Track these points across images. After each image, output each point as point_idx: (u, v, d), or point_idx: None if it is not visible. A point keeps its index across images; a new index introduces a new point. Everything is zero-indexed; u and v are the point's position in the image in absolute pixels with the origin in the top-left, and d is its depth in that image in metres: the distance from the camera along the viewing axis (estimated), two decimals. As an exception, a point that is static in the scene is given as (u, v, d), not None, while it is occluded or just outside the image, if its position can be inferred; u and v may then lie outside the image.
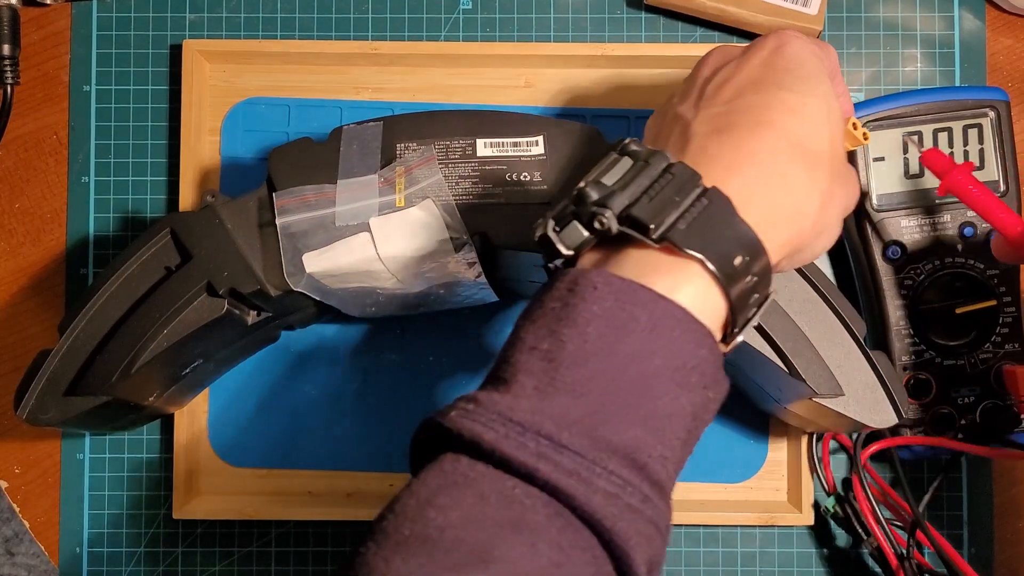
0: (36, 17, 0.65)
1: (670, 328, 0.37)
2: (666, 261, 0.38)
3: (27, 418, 0.53)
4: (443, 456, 0.36)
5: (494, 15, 0.64)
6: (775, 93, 0.42)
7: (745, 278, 0.38)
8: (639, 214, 0.38)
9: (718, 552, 0.62)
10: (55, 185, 0.64)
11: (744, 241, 0.38)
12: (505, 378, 0.37)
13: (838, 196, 0.42)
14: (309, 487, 0.62)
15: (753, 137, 0.40)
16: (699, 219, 0.38)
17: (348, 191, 0.53)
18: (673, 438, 0.37)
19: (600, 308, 0.37)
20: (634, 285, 0.37)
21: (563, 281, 0.38)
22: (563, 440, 0.35)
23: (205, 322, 0.53)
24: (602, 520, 0.34)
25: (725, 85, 0.43)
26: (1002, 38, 0.64)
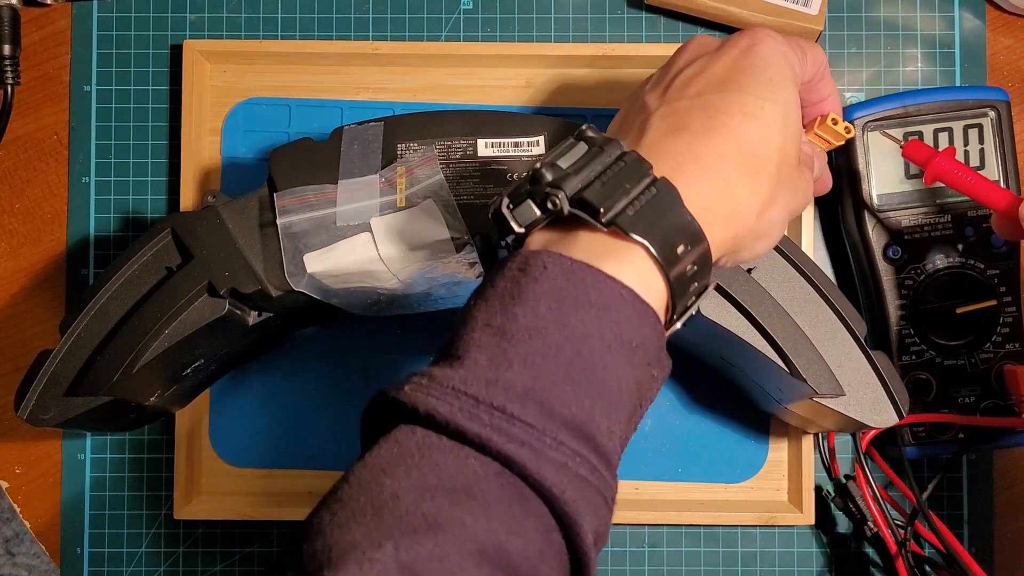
0: (36, 17, 0.65)
1: (617, 306, 0.38)
2: (613, 244, 0.39)
3: (28, 418, 0.53)
4: (397, 428, 0.37)
5: (495, 15, 0.64)
6: (735, 96, 0.43)
7: (686, 266, 0.40)
8: (590, 197, 0.39)
9: (719, 552, 0.62)
10: (56, 185, 0.64)
11: (687, 231, 0.40)
12: (458, 354, 0.38)
13: (781, 203, 0.43)
14: (310, 487, 0.62)
15: (704, 140, 0.42)
16: (646, 207, 0.39)
17: (349, 191, 0.53)
18: (620, 411, 0.38)
19: (550, 286, 0.38)
20: (583, 265, 0.38)
21: (514, 261, 0.39)
22: (515, 412, 0.36)
23: (206, 322, 0.53)
24: (551, 488, 0.36)
25: (693, 80, 0.44)
26: (1002, 38, 0.64)
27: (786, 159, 0.43)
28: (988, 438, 0.59)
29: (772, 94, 0.43)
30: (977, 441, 0.59)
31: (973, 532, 0.62)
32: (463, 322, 0.39)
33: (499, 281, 0.39)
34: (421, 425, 0.37)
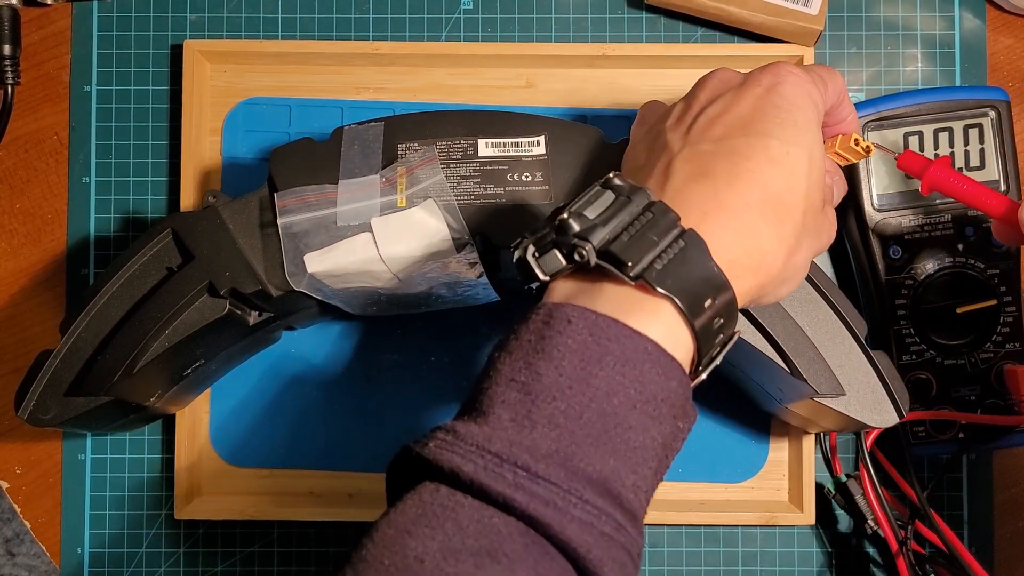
0: (37, 17, 0.65)
1: (641, 362, 0.38)
2: (639, 298, 0.39)
3: (28, 418, 0.53)
4: (421, 485, 0.38)
5: (495, 15, 0.64)
6: (760, 139, 0.43)
7: (713, 319, 0.40)
8: (618, 251, 0.39)
9: (719, 552, 0.62)
10: (56, 185, 0.64)
11: (714, 283, 0.40)
12: (483, 409, 0.38)
13: (805, 246, 0.43)
14: (311, 487, 0.62)
15: (730, 188, 0.42)
16: (674, 260, 0.39)
17: (349, 191, 0.53)
18: (645, 467, 0.38)
19: (575, 342, 0.38)
20: (607, 320, 0.38)
21: (539, 314, 0.39)
22: (539, 471, 0.36)
23: (206, 322, 0.53)
24: (577, 548, 0.36)
25: (716, 121, 0.44)
26: (1002, 38, 0.64)
27: (811, 204, 0.43)
28: (988, 438, 0.59)
29: (797, 137, 0.43)
30: (977, 441, 0.59)
31: (973, 532, 0.62)
32: (487, 374, 0.39)
33: (524, 334, 0.39)
34: (446, 483, 0.37)
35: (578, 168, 0.54)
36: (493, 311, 0.61)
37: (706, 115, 0.44)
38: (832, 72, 0.47)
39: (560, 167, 0.54)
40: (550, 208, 0.53)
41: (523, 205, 0.53)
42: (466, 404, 0.40)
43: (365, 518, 0.60)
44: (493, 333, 0.63)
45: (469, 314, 0.62)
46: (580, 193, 0.42)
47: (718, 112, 0.44)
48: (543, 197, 0.53)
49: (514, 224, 0.53)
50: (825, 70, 0.47)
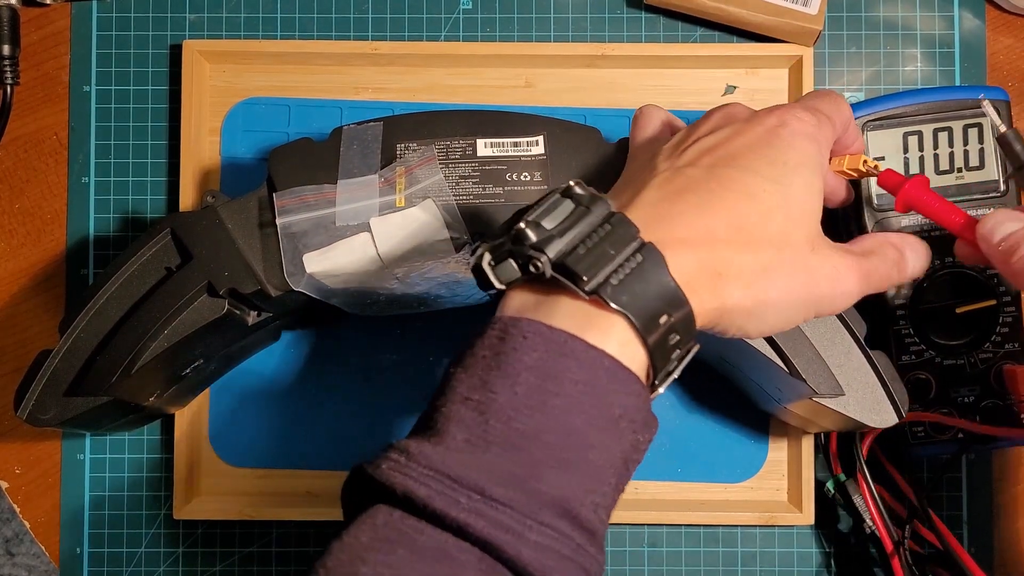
0: (36, 17, 0.65)
1: (599, 379, 0.37)
2: (594, 313, 0.38)
3: (27, 418, 0.53)
4: (375, 508, 0.37)
5: (494, 15, 0.64)
6: (743, 173, 0.42)
7: (668, 335, 0.39)
8: (573, 264, 0.38)
9: (718, 552, 0.62)
10: (55, 186, 0.64)
11: (671, 300, 0.39)
12: (437, 428, 0.37)
13: (779, 286, 0.42)
14: (310, 487, 0.62)
15: (699, 211, 0.41)
16: (631, 276, 0.38)
17: (348, 191, 0.53)
18: (604, 484, 0.38)
19: (531, 359, 0.37)
20: (564, 335, 0.37)
21: (494, 329, 0.39)
22: (495, 494, 0.35)
23: (205, 322, 0.53)
24: (534, 572, 0.35)
25: (709, 151, 0.43)
26: (1002, 37, 0.64)
27: (789, 242, 0.42)
28: (987, 438, 0.59)
29: (782, 177, 0.42)
30: (976, 441, 0.59)
31: (972, 532, 0.62)
32: (442, 391, 0.38)
33: (479, 349, 0.38)
34: (399, 506, 0.36)
35: (577, 168, 0.54)
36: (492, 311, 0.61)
37: (701, 144, 0.44)
38: (838, 103, 0.47)
39: (559, 167, 0.54)
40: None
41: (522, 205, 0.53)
42: (421, 420, 0.39)
43: (364, 518, 0.60)
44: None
45: (468, 314, 0.61)
46: (539, 200, 0.41)
47: (713, 144, 0.44)
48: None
49: (513, 224, 0.53)
50: (831, 104, 0.46)
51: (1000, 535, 0.62)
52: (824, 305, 0.43)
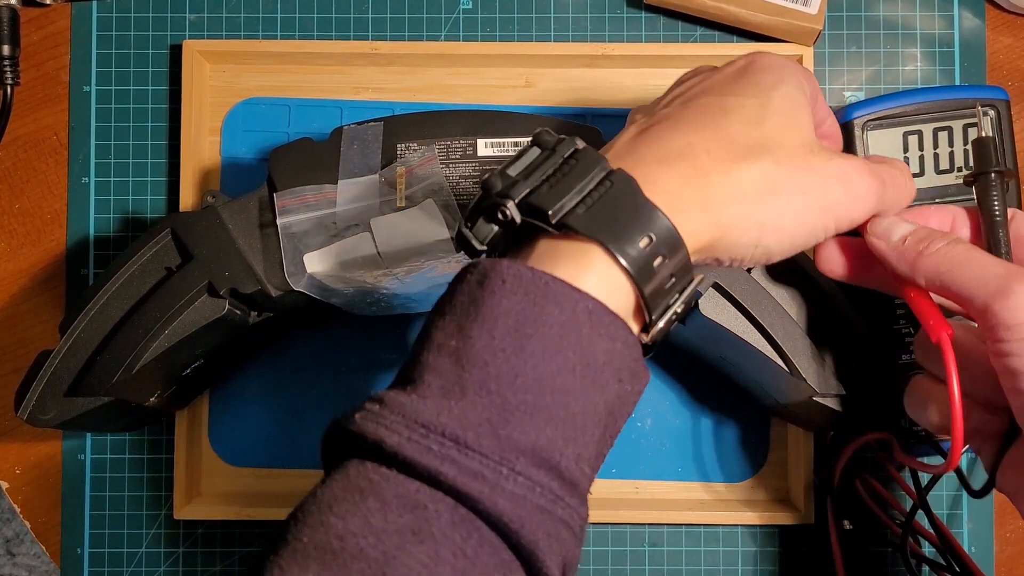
0: (36, 17, 0.65)
1: (581, 323, 0.36)
2: (568, 248, 0.37)
3: (28, 419, 0.53)
4: (348, 462, 0.36)
5: (494, 15, 0.64)
6: (718, 99, 0.41)
7: (652, 258, 0.37)
8: (538, 201, 0.37)
9: (719, 551, 0.62)
10: (55, 186, 0.64)
11: (650, 222, 0.37)
12: (412, 377, 0.36)
13: (785, 190, 0.39)
14: (310, 487, 0.62)
15: (674, 132, 0.40)
16: (600, 202, 0.37)
17: (349, 191, 0.53)
18: (586, 435, 0.36)
19: (509, 303, 0.36)
20: (545, 277, 0.36)
21: (473, 273, 0.37)
22: (468, 441, 0.34)
23: (206, 322, 0.53)
24: (508, 523, 0.34)
25: (682, 94, 0.43)
26: (1002, 37, 0.64)
27: (783, 146, 0.40)
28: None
29: (759, 93, 0.41)
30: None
31: (973, 532, 0.62)
32: (420, 341, 0.37)
33: (457, 295, 0.37)
34: (371, 457, 0.35)
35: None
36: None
37: (673, 93, 0.43)
38: (807, 72, 0.46)
39: (559, 167, 0.54)
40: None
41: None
42: (400, 371, 0.37)
43: (365, 518, 0.60)
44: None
45: (469, 314, 0.62)
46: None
47: (685, 89, 0.43)
48: (542, 197, 0.53)
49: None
50: (800, 68, 0.45)
51: (1000, 535, 0.62)
52: (841, 210, 0.41)
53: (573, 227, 0.37)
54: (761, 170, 0.39)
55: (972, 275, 0.41)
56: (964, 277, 0.41)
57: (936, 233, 0.43)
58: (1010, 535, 0.62)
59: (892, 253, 0.43)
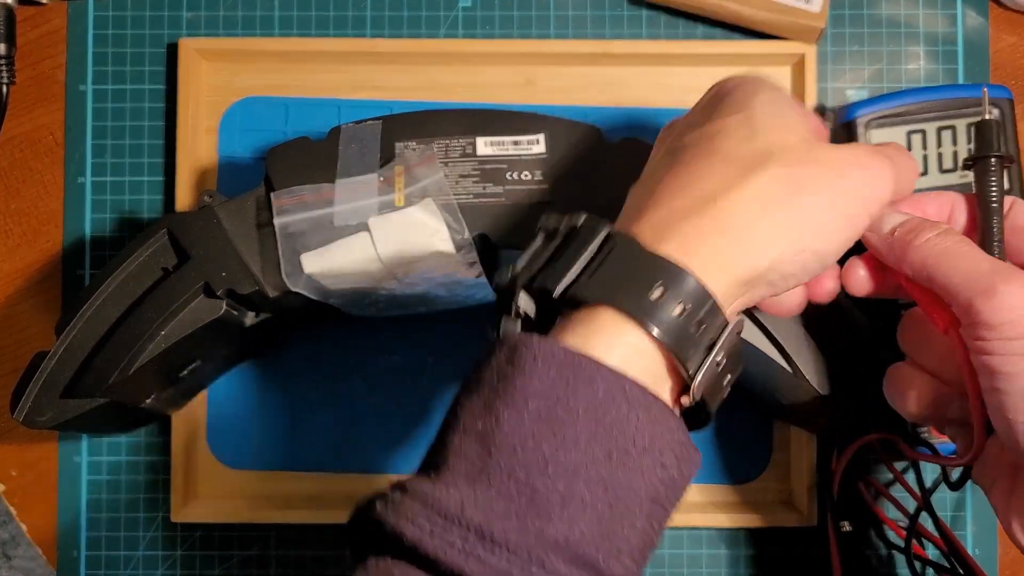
0: (32, 16, 0.65)
1: (616, 405, 0.34)
2: (588, 320, 0.35)
3: (23, 420, 0.52)
4: (369, 559, 0.33)
5: (494, 12, 0.64)
6: (699, 130, 0.40)
7: (671, 310, 0.35)
8: (542, 283, 0.36)
9: (721, 554, 0.62)
10: (51, 186, 0.64)
11: (658, 270, 0.35)
12: (437, 462, 0.34)
13: (805, 189, 0.37)
14: (309, 490, 0.62)
15: (672, 179, 0.38)
16: (604, 266, 0.36)
17: (347, 190, 0.52)
18: (626, 527, 0.34)
19: (540, 383, 0.34)
20: (577, 357, 0.34)
21: (503, 350, 0.35)
22: (495, 535, 0.32)
23: (203, 323, 0.53)
24: None
25: (668, 147, 0.41)
26: (1005, 35, 0.64)
27: (784, 146, 0.38)
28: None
29: (738, 109, 0.39)
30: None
31: (977, 533, 0.62)
32: (446, 422, 0.35)
33: (486, 372, 0.35)
34: (393, 551, 0.33)
35: (578, 167, 0.53)
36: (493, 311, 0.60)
37: (658, 153, 0.42)
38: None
39: (560, 166, 0.53)
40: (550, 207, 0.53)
41: (522, 204, 0.53)
42: (426, 456, 0.36)
43: (363, 520, 0.60)
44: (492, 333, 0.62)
45: (468, 314, 0.61)
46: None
47: (668, 143, 0.42)
48: (542, 196, 0.53)
49: (513, 223, 0.53)
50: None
51: (1005, 537, 0.62)
52: (867, 191, 0.39)
53: (583, 297, 0.35)
54: (771, 176, 0.37)
55: (958, 269, 0.39)
56: (950, 270, 0.39)
57: (927, 223, 0.41)
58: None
59: (882, 244, 0.42)
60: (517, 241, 0.52)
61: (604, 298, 0.35)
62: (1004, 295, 0.38)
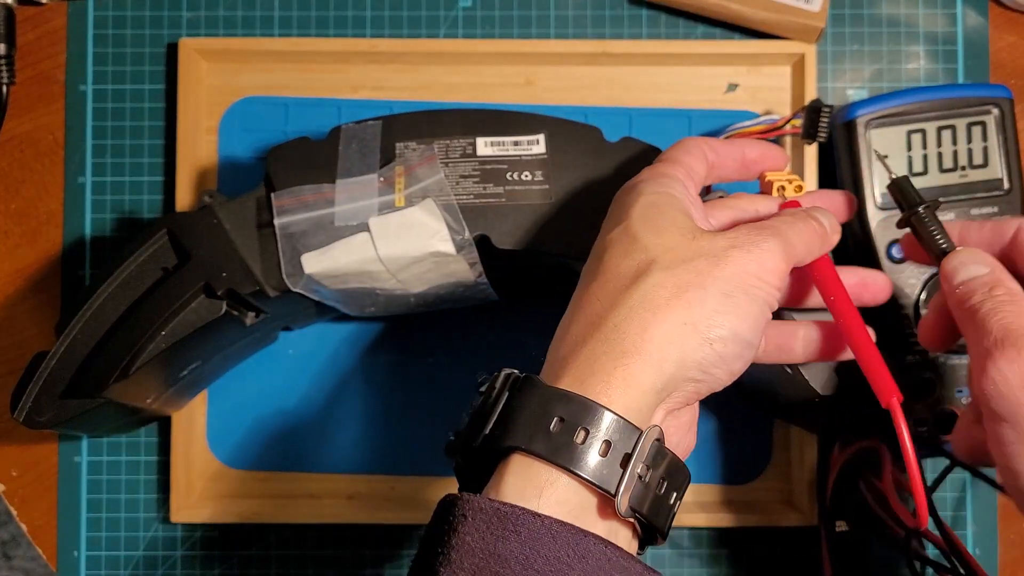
0: (32, 16, 0.65)
1: (543, 548, 0.34)
2: (512, 468, 0.36)
3: (24, 420, 0.52)
4: None
5: (494, 12, 0.64)
6: (594, 249, 0.42)
7: (573, 436, 0.35)
8: (462, 440, 0.37)
9: (721, 554, 0.62)
10: (51, 186, 0.64)
11: (555, 404, 0.36)
12: None
13: (693, 283, 0.38)
14: (309, 490, 0.62)
15: (571, 308, 0.40)
16: (509, 412, 0.37)
17: (347, 191, 0.52)
18: None
19: (472, 540, 0.34)
20: (503, 508, 0.35)
21: (439, 510, 0.37)
22: None
23: (203, 323, 0.53)
24: None
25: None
26: (1005, 35, 0.64)
27: (664, 248, 0.39)
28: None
29: (620, 219, 0.41)
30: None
31: (977, 534, 0.62)
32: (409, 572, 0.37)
33: (427, 532, 0.36)
34: None
35: (578, 167, 0.53)
36: (493, 311, 0.60)
37: None
38: (679, 148, 0.45)
39: (560, 166, 0.53)
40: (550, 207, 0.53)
41: (523, 205, 0.53)
42: None
43: (363, 520, 0.60)
44: (492, 333, 0.62)
45: (468, 314, 0.61)
46: None
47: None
48: (543, 196, 0.53)
49: (513, 224, 0.53)
50: (668, 152, 0.45)
51: (1005, 536, 0.62)
52: (756, 272, 0.39)
53: (492, 447, 0.36)
54: (653, 282, 0.38)
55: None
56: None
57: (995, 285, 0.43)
58: (1014, 537, 0.62)
59: (950, 294, 0.44)
60: (517, 241, 0.52)
61: (513, 442, 0.36)
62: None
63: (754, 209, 0.46)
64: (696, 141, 0.46)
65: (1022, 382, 0.39)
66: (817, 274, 0.46)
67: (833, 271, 0.46)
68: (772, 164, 0.49)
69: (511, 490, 0.36)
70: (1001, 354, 0.39)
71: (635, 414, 0.37)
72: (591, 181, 0.53)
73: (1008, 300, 0.42)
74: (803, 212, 0.44)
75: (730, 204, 0.46)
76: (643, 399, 0.37)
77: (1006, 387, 0.39)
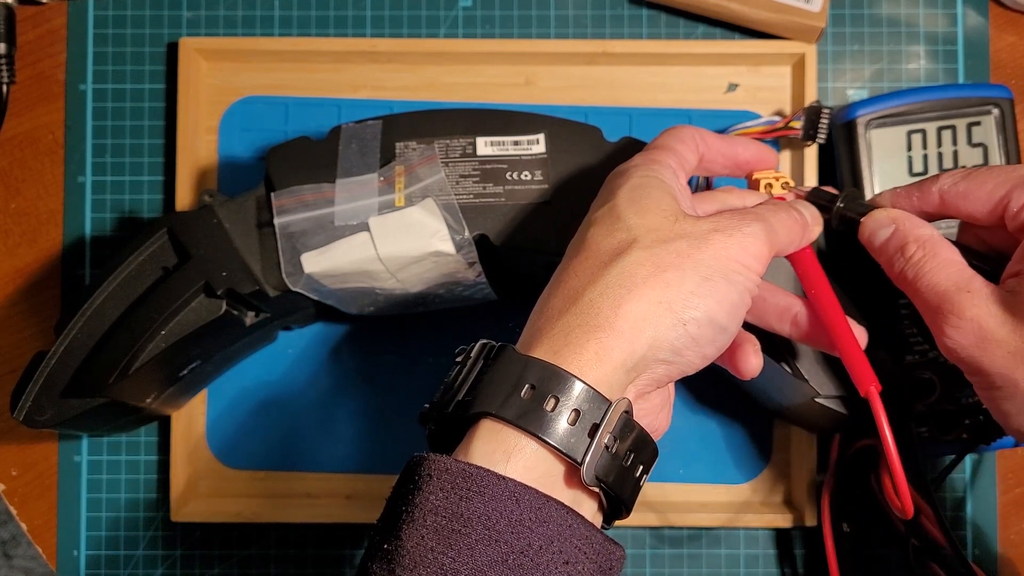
0: (32, 15, 0.65)
1: (508, 510, 0.34)
2: (480, 433, 0.36)
3: (23, 420, 0.52)
4: None
5: (494, 12, 0.64)
6: (580, 226, 0.42)
7: (543, 404, 0.36)
8: (437, 407, 0.38)
9: (721, 554, 0.62)
10: (51, 185, 0.64)
11: (527, 371, 0.36)
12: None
13: (672, 264, 0.38)
14: (308, 489, 0.62)
15: (552, 282, 0.40)
16: (483, 379, 0.37)
17: (347, 190, 0.52)
18: None
19: (436, 499, 0.35)
20: (469, 468, 0.35)
21: (405, 470, 0.37)
22: None
23: (203, 323, 0.53)
24: None
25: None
26: (1005, 35, 0.64)
27: (649, 228, 0.39)
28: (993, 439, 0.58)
29: (607, 199, 0.42)
30: (982, 441, 0.59)
31: (976, 533, 0.62)
32: (366, 548, 0.37)
33: (391, 495, 0.37)
34: None
35: (578, 166, 0.53)
36: (492, 311, 0.60)
37: None
38: (673, 135, 0.45)
39: (560, 165, 0.53)
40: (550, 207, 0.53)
41: (522, 204, 0.53)
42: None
43: (362, 520, 0.60)
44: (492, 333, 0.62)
45: (468, 314, 0.61)
46: None
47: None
48: (543, 196, 0.53)
49: (513, 224, 0.53)
50: (661, 138, 0.46)
51: (1004, 536, 0.62)
52: (737, 256, 0.39)
53: (464, 412, 0.36)
54: (633, 260, 0.38)
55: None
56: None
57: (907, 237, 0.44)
58: (1014, 537, 0.62)
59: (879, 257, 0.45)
60: (517, 241, 0.52)
61: (483, 408, 0.36)
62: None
63: (741, 203, 0.46)
64: (690, 131, 0.46)
65: (973, 340, 0.41)
66: (800, 266, 0.47)
67: (816, 263, 0.47)
68: (764, 166, 0.49)
69: (479, 454, 0.36)
70: (945, 322, 0.41)
71: (605, 388, 0.37)
72: (591, 181, 0.53)
73: (922, 256, 0.43)
74: (785, 203, 0.45)
75: (717, 197, 0.46)
76: (614, 375, 0.37)
77: (964, 352, 0.41)
